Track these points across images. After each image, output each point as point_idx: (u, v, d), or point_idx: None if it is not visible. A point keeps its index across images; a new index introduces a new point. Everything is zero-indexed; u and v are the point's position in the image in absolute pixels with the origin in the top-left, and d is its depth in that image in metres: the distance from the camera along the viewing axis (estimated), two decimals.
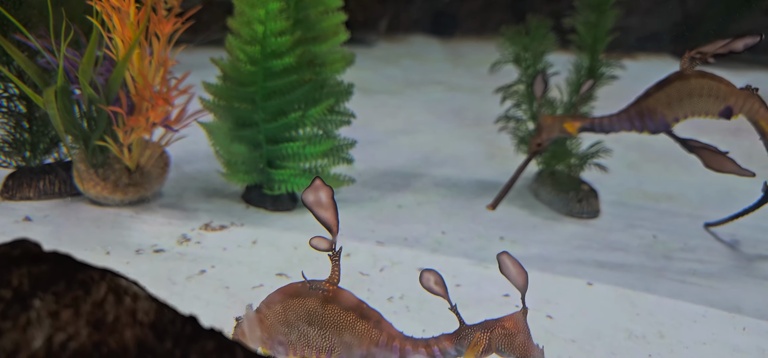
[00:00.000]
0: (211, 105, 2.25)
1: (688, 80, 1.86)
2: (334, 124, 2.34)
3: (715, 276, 2.04)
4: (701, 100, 1.87)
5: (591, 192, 2.48)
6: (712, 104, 1.87)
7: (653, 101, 1.89)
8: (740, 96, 1.88)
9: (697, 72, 1.87)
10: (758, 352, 1.63)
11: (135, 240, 2.00)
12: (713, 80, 1.87)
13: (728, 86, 1.88)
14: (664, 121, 1.89)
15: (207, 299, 1.73)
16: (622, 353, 1.59)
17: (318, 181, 1.13)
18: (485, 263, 2.00)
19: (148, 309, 0.70)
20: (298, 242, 2.06)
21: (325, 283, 1.14)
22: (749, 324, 1.74)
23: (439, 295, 1.14)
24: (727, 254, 2.19)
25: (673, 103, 1.88)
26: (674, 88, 1.87)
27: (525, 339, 1.12)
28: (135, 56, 2.02)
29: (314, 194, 1.12)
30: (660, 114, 1.89)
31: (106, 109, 2.01)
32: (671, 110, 1.88)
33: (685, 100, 1.87)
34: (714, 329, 1.71)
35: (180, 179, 2.50)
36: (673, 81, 1.88)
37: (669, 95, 1.88)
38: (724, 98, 1.87)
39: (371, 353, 1.14)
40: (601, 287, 1.90)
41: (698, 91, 1.86)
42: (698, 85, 1.86)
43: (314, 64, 2.23)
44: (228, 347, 0.68)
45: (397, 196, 2.53)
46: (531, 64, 2.58)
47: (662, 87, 1.89)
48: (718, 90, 1.86)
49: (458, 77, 4.69)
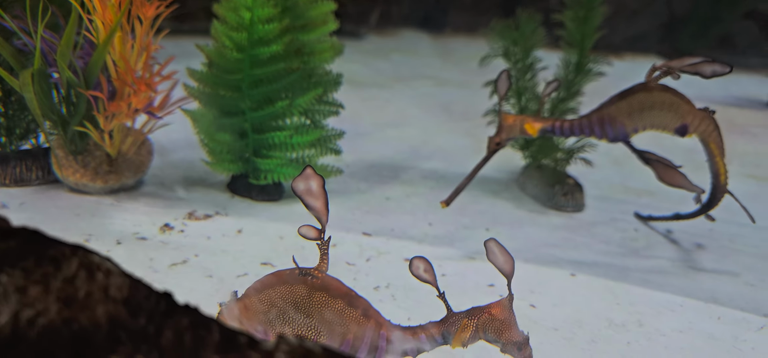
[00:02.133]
0: (196, 92, 2.22)
1: (651, 93, 1.87)
2: (322, 115, 2.32)
3: (694, 268, 2.07)
4: (661, 114, 1.88)
5: (576, 186, 2.48)
6: (671, 120, 1.89)
7: (615, 110, 1.89)
8: (697, 116, 1.90)
9: (660, 86, 1.87)
10: (732, 339, 1.66)
11: (116, 228, 1.97)
12: (675, 96, 1.88)
13: (688, 104, 1.89)
14: (624, 130, 1.89)
15: (190, 286, 1.71)
16: (602, 340, 1.61)
17: (309, 169, 1.12)
18: (471, 254, 2.00)
19: (122, 285, 0.68)
20: (284, 231, 2.05)
21: (313, 271, 1.14)
22: (724, 314, 1.78)
23: (428, 282, 1.14)
24: (707, 248, 2.21)
25: (634, 114, 1.88)
26: (637, 99, 1.87)
27: (511, 326, 1.12)
28: (116, 40, 1.98)
29: (305, 182, 1.12)
30: (620, 123, 1.89)
31: (86, 94, 1.98)
32: (631, 121, 1.89)
33: (646, 112, 1.88)
34: (690, 318, 1.75)
35: (164, 167, 2.47)
36: (636, 92, 1.88)
37: (631, 106, 1.88)
38: (683, 116, 1.89)
39: (359, 341, 1.14)
40: (583, 278, 1.91)
41: (659, 105, 1.87)
42: (660, 99, 1.87)
43: (302, 52, 2.21)
44: (204, 322, 0.66)
45: (384, 188, 2.52)
46: (520, 59, 2.58)
47: (625, 97, 1.88)
48: (679, 107, 1.88)
49: (447, 72, 4.69)
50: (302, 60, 2.21)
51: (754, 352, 1.61)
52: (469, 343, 1.15)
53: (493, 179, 2.68)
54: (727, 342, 1.64)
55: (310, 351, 0.62)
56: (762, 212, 2.54)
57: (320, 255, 1.15)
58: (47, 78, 2.00)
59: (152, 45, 2.04)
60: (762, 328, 1.72)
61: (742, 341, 1.65)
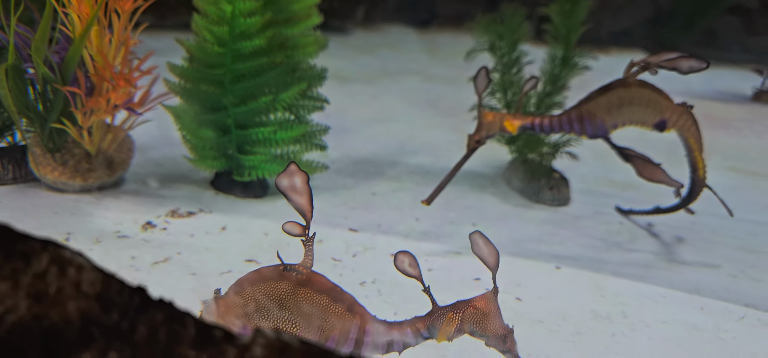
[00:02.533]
0: (177, 88, 2.19)
1: (629, 89, 1.87)
2: (307, 110, 2.30)
3: (677, 260, 2.09)
4: (640, 110, 1.89)
5: (562, 180, 2.48)
6: (650, 115, 1.90)
7: (594, 106, 1.89)
8: (676, 111, 1.91)
9: (638, 82, 1.87)
10: (714, 329, 1.68)
11: (96, 227, 1.94)
12: (653, 92, 1.89)
13: (666, 100, 1.90)
14: (603, 126, 1.90)
15: (173, 285, 1.69)
16: (587, 332, 1.61)
17: (293, 165, 1.11)
18: (457, 249, 1.99)
19: (94, 280, 0.66)
20: (269, 228, 2.02)
21: (298, 267, 1.12)
22: (706, 304, 1.80)
23: (413, 276, 1.13)
24: (689, 241, 2.22)
25: (612, 110, 1.88)
26: (616, 94, 1.87)
27: (495, 319, 1.12)
28: (93, 34, 1.93)
29: (289, 178, 1.11)
30: (599, 119, 1.89)
31: (63, 90, 1.93)
32: (610, 116, 1.89)
33: (625, 107, 1.88)
34: (674, 309, 1.76)
35: (145, 164, 2.43)
36: (615, 88, 1.88)
37: (610, 101, 1.88)
38: (661, 111, 1.89)
39: (344, 336, 1.13)
40: (568, 271, 1.92)
41: (638, 100, 1.88)
42: (638, 94, 1.88)
43: (285, 47, 2.18)
44: (178, 317, 0.64)
45: (371, 183, 2.51)
46: (506, 53, 2.57)
47: (604, 93, 1.88)
48: (657, 102, 1.89)
49: (434, 67, 4.68)
50: (286, 54, 2.18)
51: (736, 341, 1.63)
52: (454, 337, 1.14)
53: (479, 174, 2.68)
54: (710, 332, 1.66)
55: (288, 344, 0.60)
56: (742, 204, 2.57)
57: (305, 251, 1.14)
58: (22, 74, 1.95)
59: (131, 40, 2.00)
60: (743, 318, 1.74)
61: (724, 331, 1.67)
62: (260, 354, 0.61)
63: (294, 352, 0.60)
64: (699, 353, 1.56)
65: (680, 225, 2.30)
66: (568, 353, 1.52)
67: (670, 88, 1.95)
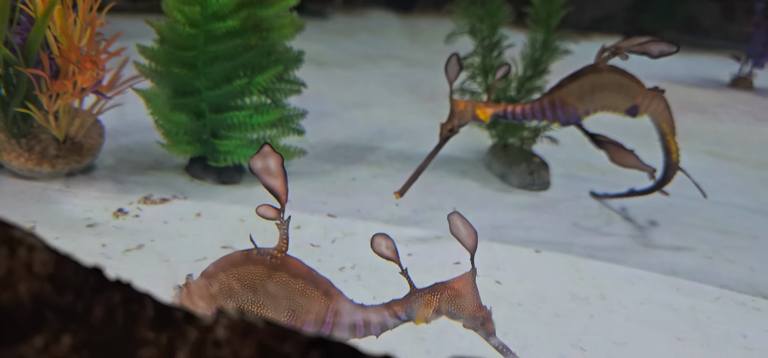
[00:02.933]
0: (148, 70, 2.12)
1: (600, 74, 1.86)
2: (283, 93, 2.25)
3: (653, 242, 2.10)
4: (611, 95, 1.88)
5: (542, 164, 2.48)
6: (621, 100, 1.89)
7: (565, 93, 1.88)
8: (647, 96, 1.90)
9: (610, 67, 1.86)
10: (690, 310, 1.69)
11: (65, 215, 1.88)
12: (625, 77, 1.88)
13: (638, 85, 1.89)
14: (575, 113, 1.89)
15: (145, 272, 1.64)
16: (566, 313, 1.61)
17: (267, 147, 1.08)
18: (437, 234, 1.97)
19: (47, 261, 0.62)
20: (245, 214, 1.98)
21: (273, 251, 1.10)
22: (682, 285, 1.81)
23: (390, 259, 1.11)
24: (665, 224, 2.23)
25: (584, 96, 1.87)
26: (587, 80, 1.86)
27: (473, 301, 1.10)
28: (56, 14, 1.86)
29: (262, 161, 1.08)
30: (571, 106, 1.88)
31: (27, 72, 1.86)
32: (582, 103, 1.88)
33: (597, 93, 1.87)
34: (650, 291, 1.77)
35: (116, 150, 2.37)
36: (586, 74, 1.86)
37: (581, 87, 1.87)
38: (633, 96, 1.88)
39: (319, 320, 1.10)
40: (547, 254, 1.91)
41: (609, 86, 1.87)
42: (610, 80, 1.86)
43: (260, 28, 2.12)
44: (136, 298, 0.61)
45: (350, 168, 2.47)
46: (486, 36, 2.55)
47: (575, 79, 1.87)
48: (629, 87, 1.88)
49: (415, 52, 4.65)
50: (260, 36, 2.13)
51: (711, 321, 1.64)
52: (432, 319, 1.12)
53: (460, 159, 2.66)
54: (685, 312, 1.67)
55: (252, 325, 0.57)
56: (718, 187, 2.60)
57: (279, 235, 1.11)
58: None
59: (97, 20, 1.92)
60: (718, 298, 1.75)
61: (699, 312, 1.68)
62: (223, 335, 0.58)
63: (258, 332, 0.57)
64: (675, 332, 1.58)
65: (657, 208, 2.31)
66: (547, 334, 1.51)
67: (649, 74, 1.95)
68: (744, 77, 4.49)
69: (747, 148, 3.23)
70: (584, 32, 5.20)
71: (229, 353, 0.58)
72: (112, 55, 1.96)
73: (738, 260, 2.01)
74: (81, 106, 2.08)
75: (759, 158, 3.09)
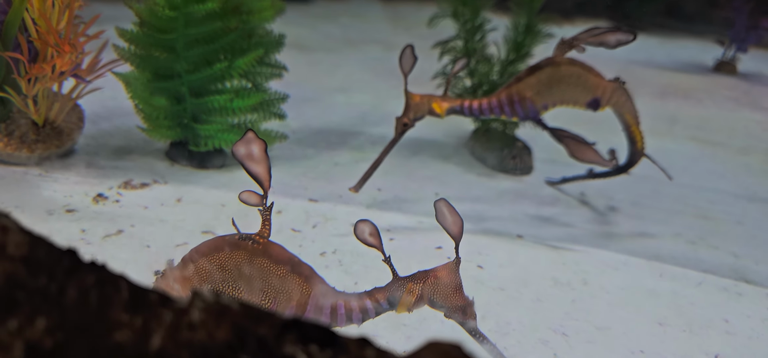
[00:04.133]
0: (128, 54, 2.09)
1: (558, 67, 1.80)
2: (264, 77, 2.23)
3: (636, 228, 2.11)
4: (569, 89, 1.81)
5: (525, 149, 2.49)
6: (581, 94, 1.82)
7: (523, 86, 1.81)
8: (608, 88, 1.83)
9: (568, 60, 1.80)
10: (672, 294, 1.71)
11: (44, 200, 1.85)
12: (583, 69, 1.81)
13: (597, 77, 1.83)
14: (533, 108, 1.83)
15: (126, 258, 1.63)
16: (548, 298, 1.62)
17: (250, 133, 1.08)
18: (419, 218, 1.98)
19: (21, 242, 0.62)
20: (227, 199, 1.97)
21: (255, 236, 1.09)
22: (665, 271, 1.83)
23: (373, 246, 1.10)
24: (649, 209, 2.26)
25: (542, 90, 1.81)
26: (545, 74, 1.80)
27: (456, 290, 1.10)
28: None
29: (246, 147, 1.07)
30: (529, 101, 1.82)
31: (5, 56, 1.83)
32: (540, 97, 1.82)
33: (555, 87, 1.81)
34: (633, 276, 1.78)
35: (97, 135, 2.34)
36: (543, 67, 1.80)
37: (539, 81, 1.81)
38: (593, 89, 1.82)
39: (301, 307, 1.10)
40: (530, 240, 1.92)
41: (567, 79, 1.81)
42: (568, 73, 1.80)
43: (240, 11, 2.10)
44: (111, 279, 0.60)
45: (332, 154, 2.47)
46: (469, 19, 2.54)
47: (533, 72, 1.81)
48: (588, 80, 1.81)
49: (397, 37, 4.62)
50: (241, 19, 2.11)
51: (693, 306, 1.66)
52: (414, 307, 1.12)
53: (443, 144, 2.66)
54: (667, 297, 1.69)
55: (227, 307, 0.57)
56: (701, 173, 2.63)
57: (262, 221, 1.11)
58: None
59: (75, 2, 1.89)
60: (700, 284, 1.78)
61: (681, 297, 1.70)
62: (198, 317, 0.58)
63: (233, 314, 0.57)
64: (657, 317, 1.59)
65: (641, 194, 2.34)
66: (529, 318, 1.52)
67: (632, 60, 1.95)
68: (728, 62, 4.51)
69: (731, 133, 3.27)
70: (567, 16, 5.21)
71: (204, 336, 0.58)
72: (90, 39, 1.93)
73: (721, 246, 2.03)
74: (60, 91, 2.05)
75: (743, 144, 3.12)
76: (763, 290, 1.78)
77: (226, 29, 2.08)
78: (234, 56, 2.11)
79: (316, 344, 0.54)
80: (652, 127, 3.26)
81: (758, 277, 1.86)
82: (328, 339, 0.55)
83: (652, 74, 4.20)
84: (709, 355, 1.47)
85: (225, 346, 0.57)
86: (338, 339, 0.55)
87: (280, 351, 0.54)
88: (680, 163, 2.06)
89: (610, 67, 3.80)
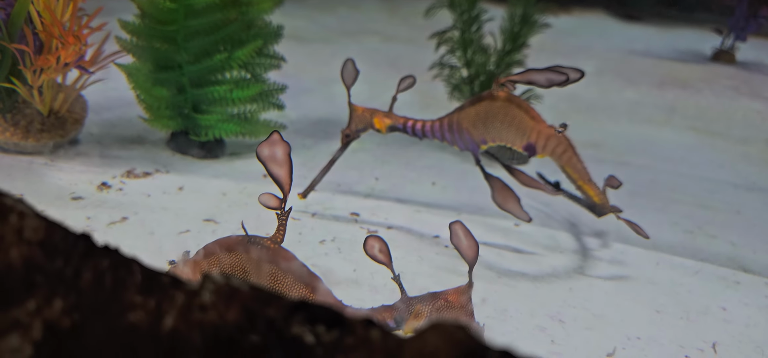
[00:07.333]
0: (129, 45, 2.12)
1: (493, 103, 1.64)
2: (263, 68, 2.26)
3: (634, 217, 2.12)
4: (503, 128, 1.65)
5: None
6: (514, 136, 1.65)
7: (463, 116, 1.69)
8: (543, 135, 1.62)
9: (507, 96, 1.62)
10: (670, 283, 1.73)
11: (50, 188, 1.88)
12: (520, 110, 1.62)
13: (534, 121, 1.62)
14: (471, 141, 1.70)
15: (130, 244, 1.66)
16: (545, 287, 1.64)
17: (275, 135, 1.06)
18: (416, 207, 2.00)
19: (37, 227, 0.65)
20: (227, 188, 2.00)
21: (267, 241, 1.08)
22: (662, 259, 1.85)
23: (383, 263, 1.09)
24: (647, 198, 2.29)
25: (478, 124, 1.68)
26: (482, 107, 1.65)
27: (467, 314, 1.08)
28: None
29: (270, 148, 1.06)
30: (466, 132, 1.70)
31: (11, 48, 1.85)
32: (477, 131, 1.69)
33: (489, 124, 1.66)
34: (630, 265, 1.80)
35: (100, 125, 2.36)
36: (483, 99, 1.66)
37: (477, 114, 1.67)
38: (528, 134, 1.63)
39: None
40: (527, 228, 1.95)
41: (502, 117, 1.64)
42: (503, 111, 1.63)
43: (239, 2, 2.12)
44: (124, 263, 0.63)
45: (330, 144, 2.49)
46: (466, 10, 2.56)
47: (474, 104, 1.67)
48: (522, 122, 1.62)
49: (394, 27, 4.64)
50: (240, 10, 2.13)
51: (690, 295, 1.67)
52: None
53: None
54: (665, 286, 1.70)
55: (237, 289, 0.60)
56: (700, 162, 2.66)
57: (277, 225, 1.09)
58: None
59: None
60: (698, 272, 1.79)
61: (679, 285, 1.71)
62: (209, 299, 0.61)
63: (243, 296, 0.60)
64: (654, 305, 1.60)
65: (639, 181, 2.36)
66: (527, 306, 1.55)
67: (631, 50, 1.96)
68: (726, 51, 4.50)
69: (729, 123, 3.27)
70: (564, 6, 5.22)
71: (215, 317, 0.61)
72: (94, 31, 1.95)
73: (719, 235, 2.05)
74: (64, 81, 2.08)
75: (741, 133, 3.13)
76: (761, 279, 1.80)
77: (226, 21, 2.10)
78: (233, 47, 2.14)
79: (323, 324, 0.57)
80: (650, 117, 3.30)
81: (756, 266, 1.88)
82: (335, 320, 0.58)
83: (651, 64, 4.21)
84: (707, 342, 1.48)
85: (235, 327, 0.60)
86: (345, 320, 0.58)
87: (288, 332, 0.57)
88: (679, 152, 2.07)
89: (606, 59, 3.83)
